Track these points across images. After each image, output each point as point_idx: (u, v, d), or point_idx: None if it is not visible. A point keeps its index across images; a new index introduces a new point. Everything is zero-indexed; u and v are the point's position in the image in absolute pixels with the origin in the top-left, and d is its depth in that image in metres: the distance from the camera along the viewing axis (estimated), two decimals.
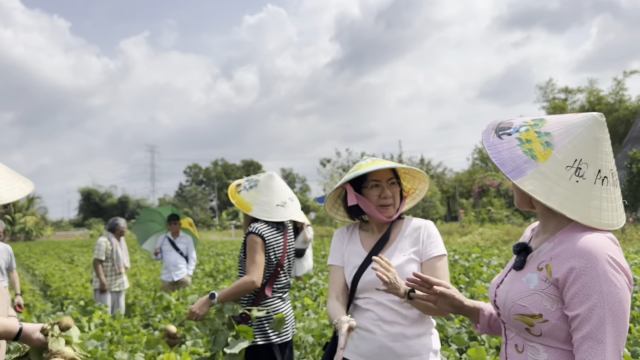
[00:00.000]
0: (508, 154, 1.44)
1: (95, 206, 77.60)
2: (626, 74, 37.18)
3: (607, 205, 1.40)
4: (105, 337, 4.86)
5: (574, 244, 1.35)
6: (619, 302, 1.28)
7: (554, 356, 1.39)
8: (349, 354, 2.12)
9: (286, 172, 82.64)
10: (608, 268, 1.29)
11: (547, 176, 1.38)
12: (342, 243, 2.26)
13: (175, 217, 7.22)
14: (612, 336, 1.27)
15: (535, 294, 1.40)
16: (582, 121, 1.42)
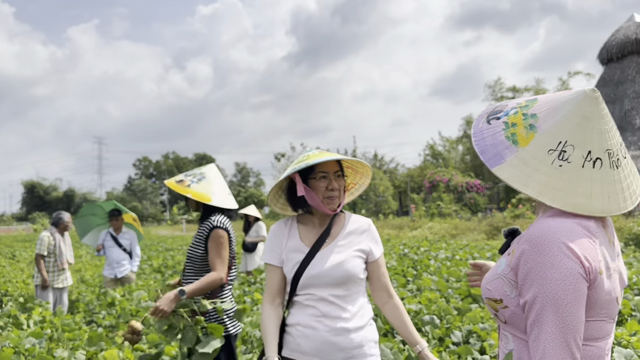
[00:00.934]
0: (491, 140, 1.35)
1: (40, 199, 74.61)
2: (570, 75, 38.68)
3: (601, 189, 1.27)
4: (45, 334, 4.70)
5: (531, 229, 1.27)
6: (564, 290, 1.18)
7: (519, 347, 1.32)
8: (290, 352, 2.09)
9: (240, 166, 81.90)
10: (555, 254, 1.19)
11: (526, 162, 1.28)
12: (279, 240, 2.19)
13: (118, 212, 7.01)
14: (555, 325, 1.18)
15: (499, 278, 1.34)
16: (570, 98, 1.29)
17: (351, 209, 30.74)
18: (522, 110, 1.34)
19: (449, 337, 4.43)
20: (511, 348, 1.34)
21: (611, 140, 1.29)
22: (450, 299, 5.88)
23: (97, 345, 4.48)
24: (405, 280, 7.36)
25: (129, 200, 66.42)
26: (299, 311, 2.10)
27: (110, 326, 5.80)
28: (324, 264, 2.06)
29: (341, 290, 2.06)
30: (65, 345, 4.65)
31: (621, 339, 3.79)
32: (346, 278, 2.05)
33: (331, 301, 2.05)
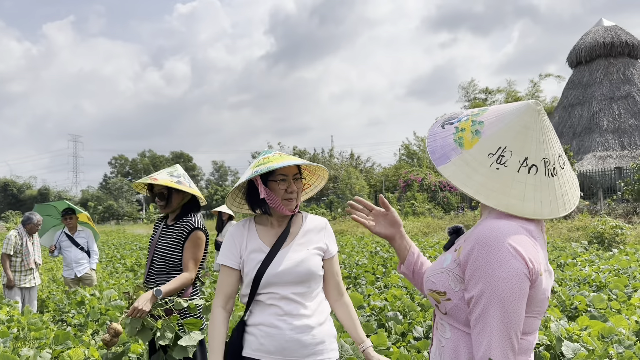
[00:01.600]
0: (441, 142, 1.45)
1: (13, 198, 73.15)
2: (541, 77, 39.55)
3: (534, 194, 1.35)
4: (11, 333, 4.71)
5: (480, 229, 1.34)
6: (509, 289, 1.25)
7: (455, 336, 1.41)
8: (253, 352, 2.11)
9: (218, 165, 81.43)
10: (504, 254, 1.27)
11: (467, 163, 1.37)
12: (238, 241, 2.21)
13: (71, 212, 6.91)
14: (500, 321, 1.26)
15: (444, 272, 1.42)
16: (515, 109, 1.39)
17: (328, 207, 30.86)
18: (472, 117, 1.44)
19: (411, 332, 4.57)
20: (448, 337, 1.44)
21: (549, 150, 1.39)
22: (415, 295, 6.03)
23: (63, 344, 4.50)
24: (375, 278, 7.50)
25: (105, 198, 65.51)
26: (261, 311, 2.13)
27: (79, 325, 5.81)
28: (285, 262, 2.11)
29: (302, 287, 2.13)
30: (31, 344, 4.66)
31: (572, 334, 3.97)
32: (307, 275, 2.12)
33: (293, 299, 2.11)
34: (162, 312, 2.85)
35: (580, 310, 5.04)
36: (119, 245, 20.79)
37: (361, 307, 5.26)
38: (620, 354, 3.45)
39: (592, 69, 27.97)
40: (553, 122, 28.52)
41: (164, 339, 2.77)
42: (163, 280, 3.04)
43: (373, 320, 4.93)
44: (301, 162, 2.16)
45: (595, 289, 6.24)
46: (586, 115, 26.81)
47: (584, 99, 27.49)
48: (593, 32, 28.65)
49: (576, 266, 8.01)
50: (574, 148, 25.53)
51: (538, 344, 3.87)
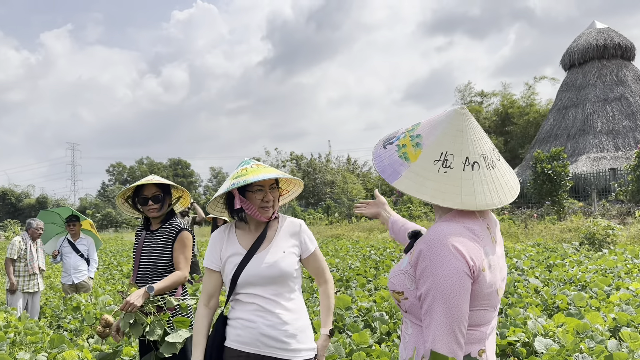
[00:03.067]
0: (388, 160, 1.55)
1: (12, 207, 73.11)
2: (537, 80, 39.85)
3: (482, 187, 1.47)
4: (8, 338, 4.85)
5: (428, 232, 1.47)
6: (452, 286, 1.37)
7: (416, 331, 1.53)
8: (232, 342, 2.30)
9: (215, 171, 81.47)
10: (445, 254, 1.39)
11: (417, 173, 1.48)
12: (218, 246, 2.40)
13: (75, 218, 7.05)
14: (443, 315, 1.37)
15: (402, 273, 1.54)
16: (445, 117, 1.53)
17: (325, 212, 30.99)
18: (409, 133, 1.57)
19: (396, 331, 4.71)
20: (410, 332, 1.57)
21: (484, 146, 1.53)
22: None
23: (59, 347, 4.65)
24: (366, 281, 7.65)
25: (103, 206, 65.56)
26: (240, 307, 2.32)
27: (75, 330, 5.95)
28: (260, 264, 2.29)
29: (278, 287, 2.30)
30: (27, 348, 4.80)
31: (548, 330, 4.12)
32: (281, 276, 2.29)
33: (269, 297, 2.28)
34: (154, 309, 2.98)
35: (562, 309, 5.18)
36: (116, 252, 20.91)
37: (348, 309, 5.40)
38: (591, 349, 3.59)
39: (586, 71, 28.17)
40: (547, 125, 28.69)
41: (153, 334, 2.89)
42: (156, 279, 3.17)
43: (360, 320, 5.07)
44: (275, 176, 2.27)
45: (580, 288, 6.37)
46: (580, 117, 26.98)
47: (577, 101, 27.68)
48: (586, 34, 28.87)
49: (564, 267, 8.15)
50: (569, 150, 25.69)
51: (516, 340, 4.01)
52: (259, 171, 2.30)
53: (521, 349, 3.85)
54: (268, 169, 2.34)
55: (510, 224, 16.70)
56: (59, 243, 7.15)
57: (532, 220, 17.20)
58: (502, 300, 5.49)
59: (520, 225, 16.47)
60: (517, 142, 37.44)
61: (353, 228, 23.52)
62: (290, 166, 44.26)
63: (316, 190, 41.00)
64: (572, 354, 3.44)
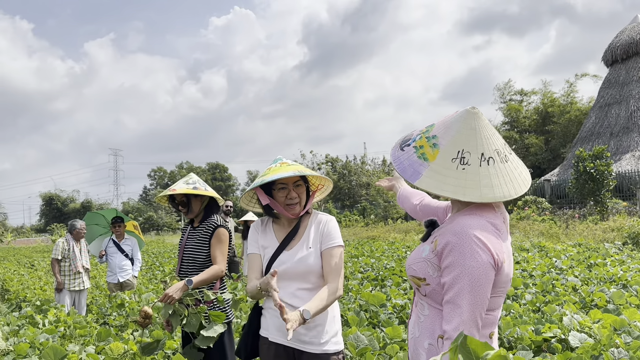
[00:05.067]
0: (407, 162, 1.65)
1: (58, 211, 75.93)
2: (578, 77, 38.73)
3: (498, 180, 1.58)
4: (58, 332, 5.12)
5: (453, 224, 1.58)
6: (478, 276, 1.49)
7: (433, 313, 1.67)
8: (263, 331, 2.45)
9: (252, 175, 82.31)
10: (473, 247, 1.50)
11: (437, 172, 1.58)
12: (257, 234, 2.54)
13: (120, 220, 7.32)
14: (469, 303, 1.49)
15: (424, 261, 1.66)
16: (458, 117, 1.63)
17: (360, 214, 30.99)
18: (424, 134, 1.68)
19: None
20: (426, 314, 1.71)
21: (497, 142, 1.65)
22: None
23: (105, 340, 4.88)
24: (401, 280, 7.68)
25: (145, 210, 67.26)
26: (269, 298, 2.42)
27: (120, 325, 6.21)
28: (288, 259, 2.39)
29: (303, 282, 2.38)
30: (76, 341, 5.05)
31: (584, 326, 4.09)
32: (307, 272, 2.36)
33: (293, 291, 2.37)
34: (192, 302, 3.13)
35: (600, 307, 5.11)
36: (158, 253, 21.47)
37: (383, 306, 5.46)
38: (628, 344, 3.56)
39: (629, 67, 27.29)
40: (589, 123, 27.91)
41: (190, 326, 3.05)
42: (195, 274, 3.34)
43: (394, 317, 5.13)
44: (293, 174, 2.32)
45: (620, 287, 6.25)
46: (624, 115, 26.16)
47: (620, 98, 26.84)
48: (629, 29, 27.98)
49: (606, 266, 7.99)
50: (612, 148, 24.94)
51: (552, 336, 4.00)
52: (279, 170, 2.38)
53: (556, 345, 3.83)
54: (290, 167, 2.40)
55: (551, 224, 16.36)
56: (105, 244, 7.44)
57: (573, 221, 16.80)
58: (539, 298, 5.46)
59: (562, 225, 16.12)
60: (558, 142, 36.52)
61: (389, 230, 23.45)
62: (325, 168, 44.41)
63: (352, 193, 41.02)
64: (607, 349, 3.42)
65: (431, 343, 1.67)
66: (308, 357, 2.36)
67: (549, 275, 7.07)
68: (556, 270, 7.74)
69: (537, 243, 12.01)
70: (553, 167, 32.86)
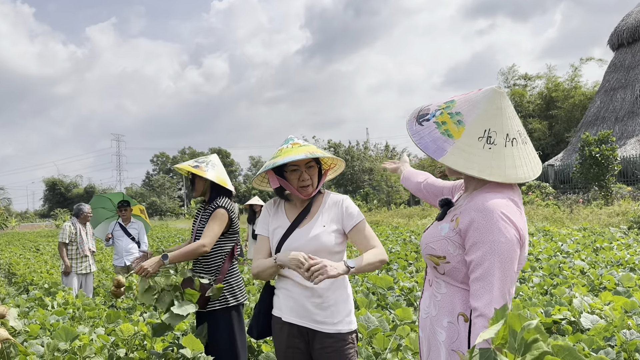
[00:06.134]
0: (429, 137, 1.63)
1: (61, 196, 76.22)
2: (583, 61, 38.42)
3: (521, 161, 1.59)
4: (68, 313, 5.14)
5: (477, 202, 1.58)
6: (507, 251, 1.50)
7: (451, 291, 1.67)
8: (276, 310, 2.44)
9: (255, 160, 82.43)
10: (500, 222, 1.50)
11: (463, 150, 1.57)
12: (268, 215, 2.52)
13: (126, 204, 7.30)
14: (499, 279, 1.49)
15: (443, 239, 1.66)
16: (484, 95, 1.61)
17: (363, 199, 31.00)
18: (445, 110, 1.65)
19: None
20: (443, 292, 1.70)
21: (518, 123, 1.65)
22: None
23: (115, 322, 4.90)
24: (407, 263, 7.70)
25: (148, 195, 67.44)
26: (283, 278, 2.42)
27: (128, 308, 6.23)
28: (301, 237, 2.37)
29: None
30: (86, 322, 5.08)
31: (594, 308, 4.09)
32: (320, 249, 2.34)
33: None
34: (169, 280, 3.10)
35: (609, 289, 5.10)
36: (162, 238, 21.56)
37: (391, 288, 5.47)
38: (639, 325, 3.55)
39: (635, 50, 27.05)
40: (595, 107, 27.76)
41: (162, 303, 3.06)
42: (203, 256, 3.32)
43: (402, 300, 5.14)
44: (302, 157, 2.29)
45: (628, 270, 6.24)
46: (629, 99, 25.99)
47: (626, 82, 26.64)
48: (635, 12, 27.69)
49: (612, 250, 7.98)
50: (617, 133, 24.81)
51: (561, 318, 4.00)
52: (291, 151, 2.35)
53: (566, 327, 3.84)
54: (302, 148, 2.37)
55: (555, 209, 16.34)
56: (111, 227, 7.44)
57: (577, 206, 16.77)
58: (547, 281, 5.46)
59: (566, 210, 16.09)
60: (562, 126, 36.32)
61: (392, 215, 23.48)
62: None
63: (354, 178, 40.98)
64: (619, 330, 3.42)
65: (451, 321, 1.66)
66: (321, 336, 2.36)
67: (556, 258, 7.07)
68: (562, 254, 7.73)
69: (542, 227, 12.00)
70: (557, 152, 32.75)
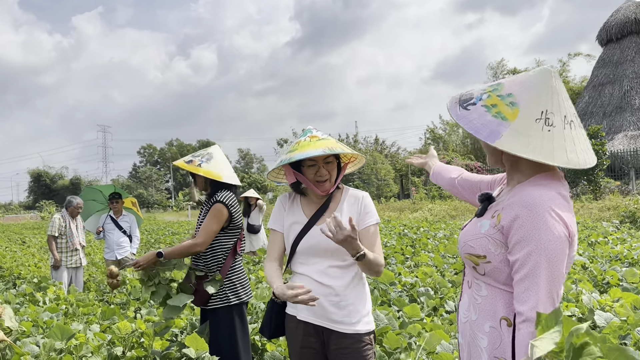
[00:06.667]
0: (479, 121, 1.50)
1: (46, 188, 75.23)
2: (571, 56, 38.65)
3: (580, 146, 1.47)
4: (61, 309, 4.98)
5: (522, 197, 1.45)
6: (555, 250, 1.38)
7: (492, 293, 1.55)
8: (290, 309, 2.33)
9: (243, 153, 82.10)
10: (548, 218, 1.39)
11: (520, 132, 1.44)
12: (283, 209, 2.40)
13: (118, 196, 7.11)
14: (546, 280, 1.38)
15: (484, 237, 1.54)
16: (537, 76, 1.49)
17: None
18: (493, 93, 1.52)
19: (443, 306, 4.68)
20: (484, 295, 1.58)
21: (572, 107, 1.53)
22: (446, 273, 6.12)
23: (110, 319, 4.75)
24: (404, 258, 7.62)
25: (135, 187, 66.82)
26: (298, 275, 2.32)
27: (122, 303, 6.08)
28: (319, 236, 2.24)
29: (334, 259, 2.26)
30: (80, 319, 4.92)
31: (605, 305, 4.03)
32: (339, 249, 2.19)
33: (323, 269, 2.25)
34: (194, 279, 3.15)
35: (613, 285, 5.07)
36: (151, 231, 21.30)
37: (392, 284, 5.38)
38: None
39: (623, 46, 27.21)
40: (583, 102, 27.91)
41: (157, 296, 3.13)
42: (204, 253, 3.22)
43: (405, 295, 5.05)
44: (321, 153, 2.17)
45: (627, 265, 6.24)
46: (617, 94, 26.16)
47: (614, 77, 26.81)
48: (624, 8, 27.84)
49: (607, 244, 7.98)
50: (605, 128, 24.96)
51: (570, 315, 3.94)
52: (309, 146, 2.22)
53: None
54: (320, 142, 2.24)
55: None
56: (102, 220, 7.25)
57: None
58: None
59: None
60: None
61: (383, 208, 23.45)
62: None
63: None
64: (633, 328, 3.36)
65: (493, 326, 1.54)
66: (338, 336, 2.25)
67: None
68: None
69: None
70: None
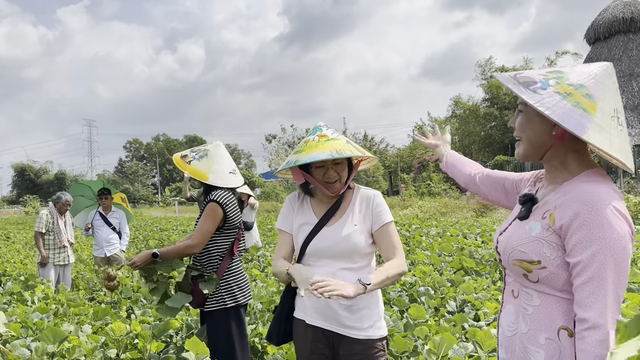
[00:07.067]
0: (560, 109, 1.34)
1: (30, 182, 74.27)
2: (558, 54, 38.77)
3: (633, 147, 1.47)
4: (50, 309, 4.82)
5: (579, 194, 1.36)
6: (621, 250, 1.30)
7: (546, 302, 1.43)
8: (299, 313, 2.25)
9: (231, 148, 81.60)
10: (612, 216, 1.30)
11: (603, 128, 1.34)
12: (292, 209, 2.32)
13: (107, 192, 6.94)
14: (613, 282, 1.29)
15: (536, 241, 1.42)
16: (604, 70, 1.40)
17: None
18: (562, 81, 1.37)
19: (444, 306, 4.61)
20: (536, 304, 1.45)
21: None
22: (444, 271, 6.06)
23: (102, 319, 4.61)
24: None
25: (121, 182, 66.17)
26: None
27: (113, 302, 5.93)
28: (330, 237, 2.17)
29: (345, 261, 2.17)
30: (71, 320, 4.77)
31: None
32: (350, 251, 2.15)
33: (334, 271, 2.15)
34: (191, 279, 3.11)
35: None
36: (139, 226, 21.06)
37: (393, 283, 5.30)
38: None
39: (611, 45, 27.41)
40: None
41: (156, 292, 3.13)
42: (200, 253, 3.13)
43: (405, 295, 4.97)
44: (327, 156, 2.07)
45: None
46: None
47: None
48: (612, 7, 28.02)
49: None
50: None
51: None
52: (316, 147, 2.11)
53: None
54: (329, 142, 2.12)
55: None
56: (91, 216, 7.09)
57: None
58: None
59: None
60: None
61: None
62: None
63: None
64: None
65: (549, 337, 1.42)
66: (349, 342, 2.17)
67: None
68: None
69: None
70: None
